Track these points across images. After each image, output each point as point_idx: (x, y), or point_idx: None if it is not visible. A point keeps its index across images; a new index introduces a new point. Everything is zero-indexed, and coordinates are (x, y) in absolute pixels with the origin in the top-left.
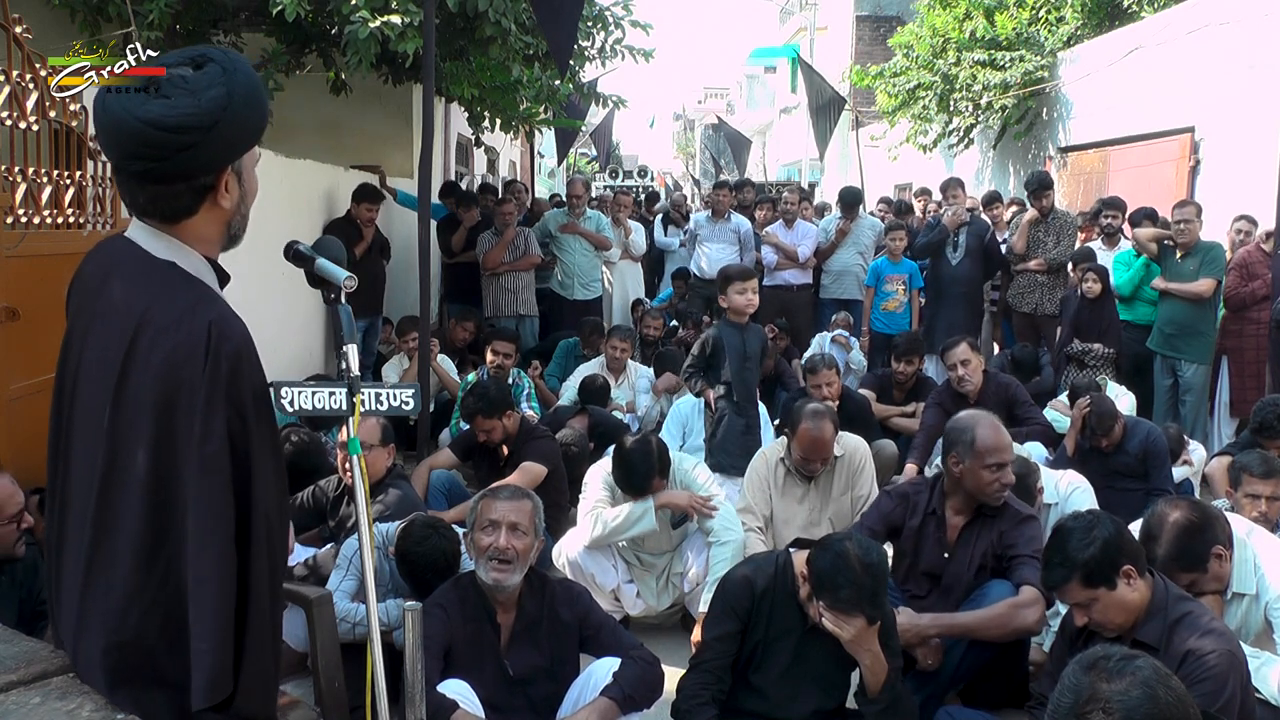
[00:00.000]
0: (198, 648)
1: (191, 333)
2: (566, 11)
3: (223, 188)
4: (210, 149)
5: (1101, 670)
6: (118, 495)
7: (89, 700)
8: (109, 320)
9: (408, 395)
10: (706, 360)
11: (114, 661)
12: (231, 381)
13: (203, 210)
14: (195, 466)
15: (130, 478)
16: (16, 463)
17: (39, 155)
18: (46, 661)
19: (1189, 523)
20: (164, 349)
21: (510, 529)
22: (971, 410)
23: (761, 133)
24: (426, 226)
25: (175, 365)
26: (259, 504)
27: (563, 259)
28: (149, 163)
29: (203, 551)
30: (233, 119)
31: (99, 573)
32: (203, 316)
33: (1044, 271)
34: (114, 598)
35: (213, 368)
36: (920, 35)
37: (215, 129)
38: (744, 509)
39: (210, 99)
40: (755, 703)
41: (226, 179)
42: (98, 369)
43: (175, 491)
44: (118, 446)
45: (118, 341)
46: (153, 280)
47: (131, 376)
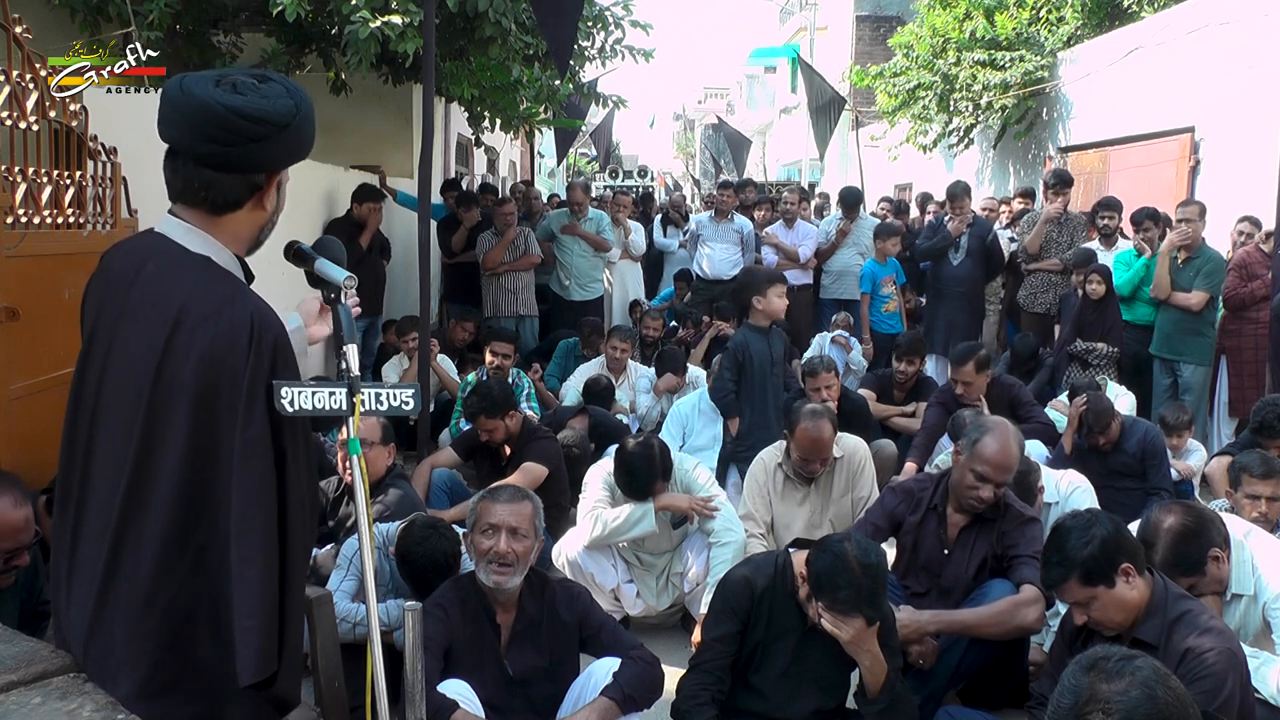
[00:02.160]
0: (244, 624)
1: (234, 323)
2: (566, 11)
3: (272, 190)
4: (276, 148)
5: (1101, 671)
6: (149, 483)
7: (89, 700)
8: (144, 312)
9: (408, 395)
10: (740, 372)
11: (134, 653)
12: (273, 371)
13: (247, 207)
14: (239, 452)
15: (165, 465)
16: (16, 463)
17: (39, 155)
18: (47, 661)
19: (1184, 527)
20: (206, 338)
21: (510, 533)
22: (1002, 420)
23: (761, 133)
24: (426, 226)
25: (218, 354)
26: (294, 490)
27: (563, 260)
28: (222, 147)
29: (246, 533)
30: (299, 127)
31: (124, 561)
32: (243, 308)
33: (1060, 271)
34: (139, 586)
35: (255, 357)
36: (920, 35)
37: (285, 130)
38: (745, 515)
39: (282, 105)
40: (755, 703)
41: (276, 183)
42: (132, 361)
43: (211, 479)
44: (152, 435)
45: (156, 332)
46: (190, 273)
47: (170, 365)
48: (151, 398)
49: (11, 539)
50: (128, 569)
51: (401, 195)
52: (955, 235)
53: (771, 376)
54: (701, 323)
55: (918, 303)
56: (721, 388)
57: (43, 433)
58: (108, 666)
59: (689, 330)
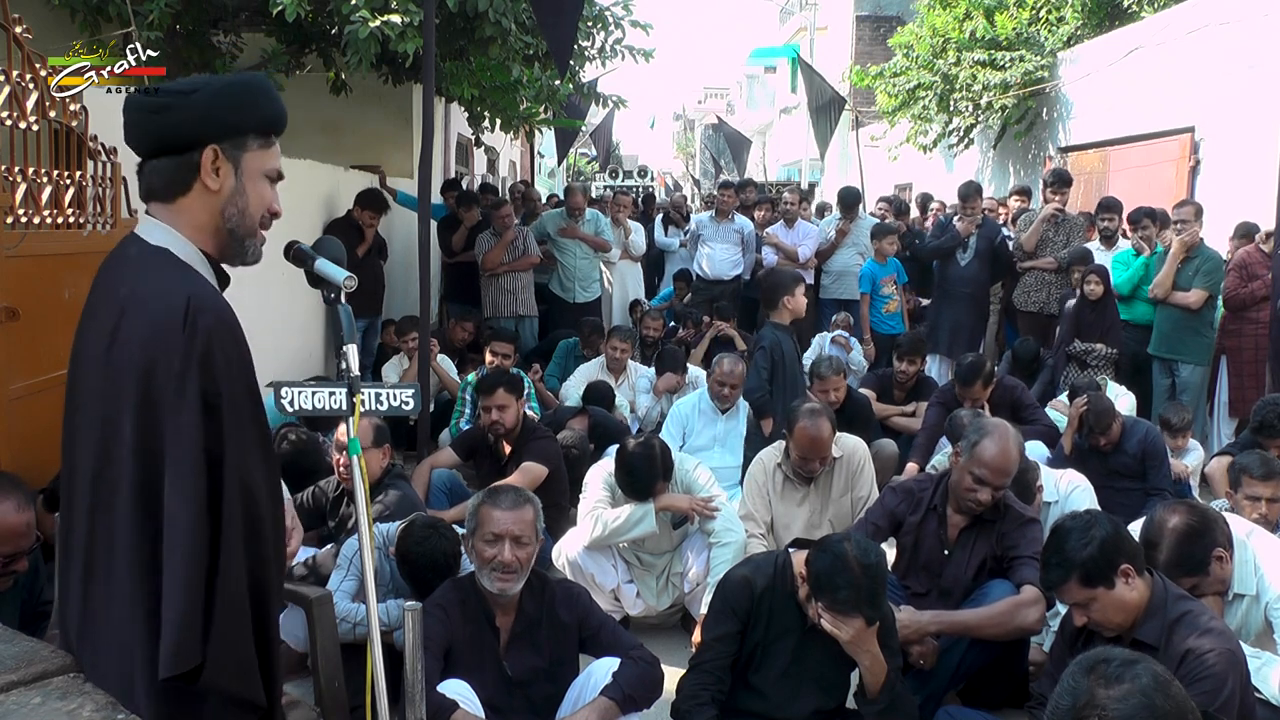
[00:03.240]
0: (165, 616)
1: (170, 306)
2: (566, 11)
3: (208, 167)
4: (182, 114)
5: (1101, 674)
6: (110, 476)
7: (89, 700)
8: (99, 308)
9: (408, 395)
10: (774, 369)
11: (119, 653)
12: (206, 353)
13: (194, 191)
14: (170, 435)
15: (120, 457)
16: (17, 463)
17: (39, 155)
18: (47, 661)
19: (1188, 527)
20: (144, 321)
21: (514, 541)
22: (1002, 422)
23: (761, 133)
24: (426, 226)
25: (154, 337)
26: (233, 475)
27: (562, 261)
28: (142, 131)
29: (171, 523)
30: (210, 92)
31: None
32: (181, 291)
33: (1054, 270)
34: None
35: (188, 339)
36: (920, 35)
37: (192, 96)
38: (745, 515)
39: (189, 80)
40: (755, 703)
41: (216, 162)
42: (91, 356)
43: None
44: (107, 427)
45: (106, 324)
46: (142, 265)
47: (114, 354)
48: (104, 389)
49: (11, 543)
50: (101, 569)
51: (401, 195)
52: (965, 235)
53: (800, 375)
54: (701, 323)
55: (918, 303)
56: (758, 386)
57: (43, 433)
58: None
59: (689, 330)
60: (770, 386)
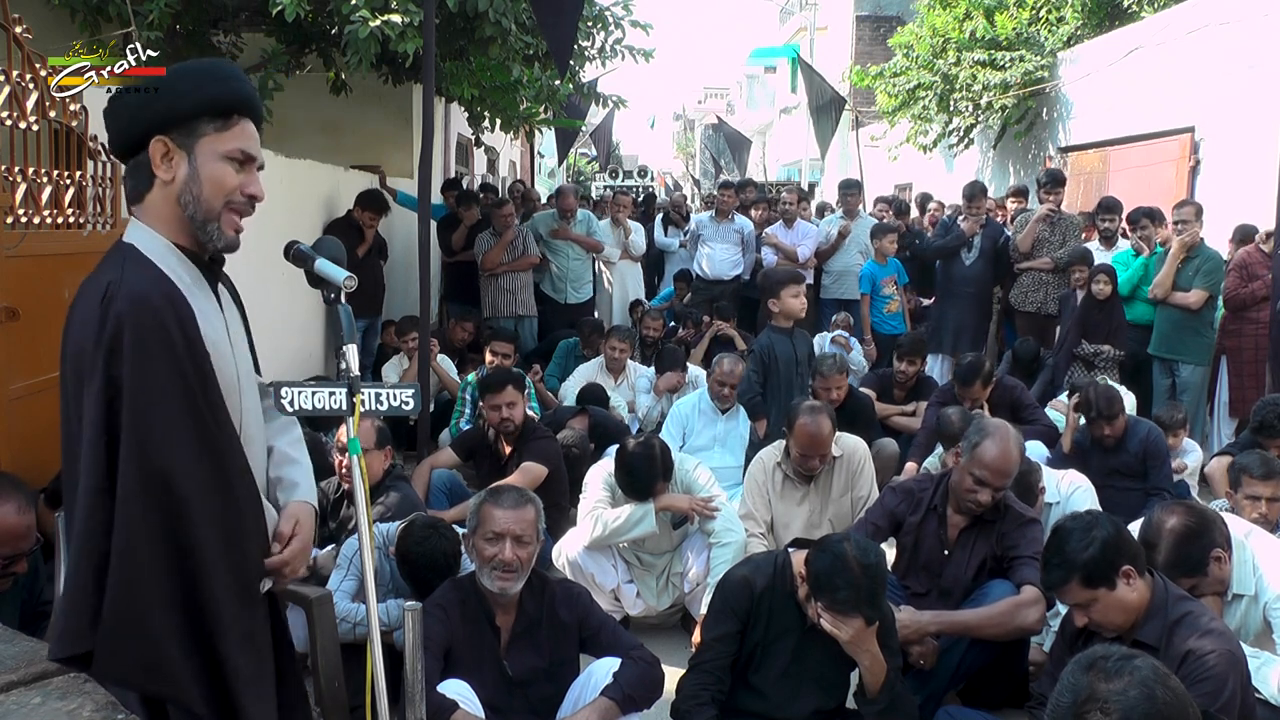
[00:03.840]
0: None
1: (93, 295)
2: (566, 11)
3: (157, 159)
4: (128, 113)
5: (1100, 670)
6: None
7: (89, 700)
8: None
9: (408, 395)
10: (766, 373)
11: None
12: (115, 336)
13: (155, 185)
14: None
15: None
16: (17, 463)
17: (39, 155)
18: (47, 662)
19: (1186, 528)
20: (76, 312)
21: (515, 541)
22: (1003, 423)
23: (761, 133)
24: (426, 226)
25: (80, 324)
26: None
27: (555, 262)
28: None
29: (71, 503)
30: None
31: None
32: (105, 280)
33: (1051, 270)
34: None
35: (99, 324)
36: (920, 35)
37: (124, 96)
38: (745, 515)
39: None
40: (755, 703)
41: (168, 153)
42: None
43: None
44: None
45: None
46: (103, 261)
47: (65, 345)
48: (62, 381)
49: (11, 545)
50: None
51: (401, 195)
52: (969, 235)
53: (797, 377)
54: (701, 323)
55: (919, 303)
56: (749, 389)
57: (43, 433)
58: None
59: (689, 330)
60: (764, 390)
